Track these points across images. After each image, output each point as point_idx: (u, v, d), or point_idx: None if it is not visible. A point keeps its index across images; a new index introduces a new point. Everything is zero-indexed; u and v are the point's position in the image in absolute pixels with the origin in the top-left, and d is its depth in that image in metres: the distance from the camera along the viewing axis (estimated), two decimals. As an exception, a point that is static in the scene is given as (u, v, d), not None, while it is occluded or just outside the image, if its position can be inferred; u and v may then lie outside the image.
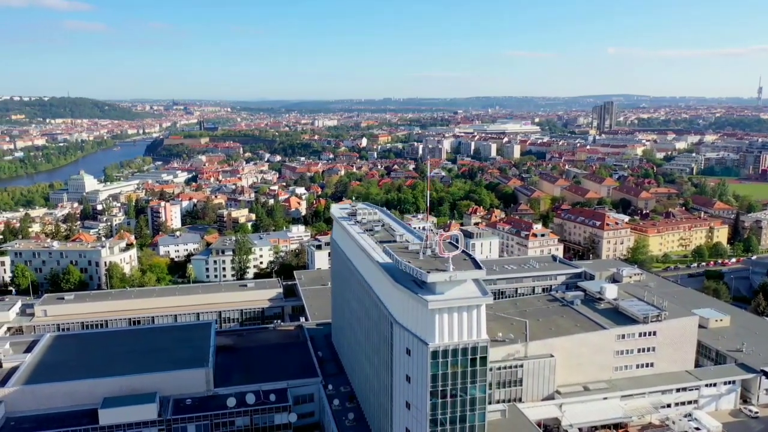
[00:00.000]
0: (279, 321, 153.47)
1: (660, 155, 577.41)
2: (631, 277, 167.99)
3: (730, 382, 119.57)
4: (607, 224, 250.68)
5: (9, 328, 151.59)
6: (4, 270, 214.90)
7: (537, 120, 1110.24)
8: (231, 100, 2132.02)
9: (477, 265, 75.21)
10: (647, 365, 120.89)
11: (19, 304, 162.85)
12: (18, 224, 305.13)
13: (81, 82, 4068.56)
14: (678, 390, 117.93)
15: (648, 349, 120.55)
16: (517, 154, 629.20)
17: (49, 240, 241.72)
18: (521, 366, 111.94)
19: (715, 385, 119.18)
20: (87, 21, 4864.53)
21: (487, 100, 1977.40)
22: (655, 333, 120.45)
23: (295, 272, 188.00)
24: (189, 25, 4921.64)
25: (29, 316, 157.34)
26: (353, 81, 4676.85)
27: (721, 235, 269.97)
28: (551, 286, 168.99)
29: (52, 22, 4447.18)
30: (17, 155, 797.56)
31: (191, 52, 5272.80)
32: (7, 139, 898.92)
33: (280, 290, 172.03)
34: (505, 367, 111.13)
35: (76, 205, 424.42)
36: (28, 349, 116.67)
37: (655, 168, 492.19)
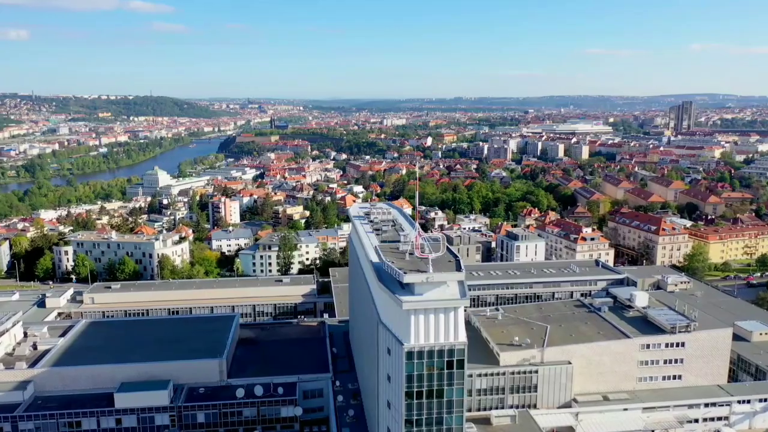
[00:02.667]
0: (302, 317, 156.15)
1: (740, 158, 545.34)
2: (676, 285, 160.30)
3: (766, 399, 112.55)
4: (663, 229, 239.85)
5: (60, 314, 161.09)
6: (68, 259, 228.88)
7: (611, 120, 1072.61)
8: (304, 98, 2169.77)
9: (458, 267, 74.27)
10: (674, 377, 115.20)
11: (71, 291, 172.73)
12: (86, 215, 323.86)
13: (163, 81, 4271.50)
14: (706, 405, 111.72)
15: (675, 361, 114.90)
16: (585, 155, 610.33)
17: (112, 232, 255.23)
18: (536, 372, 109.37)
19: (749, 401, 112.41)
20: (169, 22, 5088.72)
21: (561, 99, 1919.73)
22: (683, 344, 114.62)
23: (330, 269, 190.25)
24: (266, 26, 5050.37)
25: (78, 303, 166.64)
26: (425, 80, 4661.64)
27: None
28: (590, 291, 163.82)
29: (138, 24, 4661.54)
30: (101, 151, 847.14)
31: (267, 53, 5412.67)
32: (93, 135, 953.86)
33: (314, 286, 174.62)
34: (519, 372, 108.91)
35: (149, 199, 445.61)
36: (63, 334, 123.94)
37: (732, 171, 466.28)
